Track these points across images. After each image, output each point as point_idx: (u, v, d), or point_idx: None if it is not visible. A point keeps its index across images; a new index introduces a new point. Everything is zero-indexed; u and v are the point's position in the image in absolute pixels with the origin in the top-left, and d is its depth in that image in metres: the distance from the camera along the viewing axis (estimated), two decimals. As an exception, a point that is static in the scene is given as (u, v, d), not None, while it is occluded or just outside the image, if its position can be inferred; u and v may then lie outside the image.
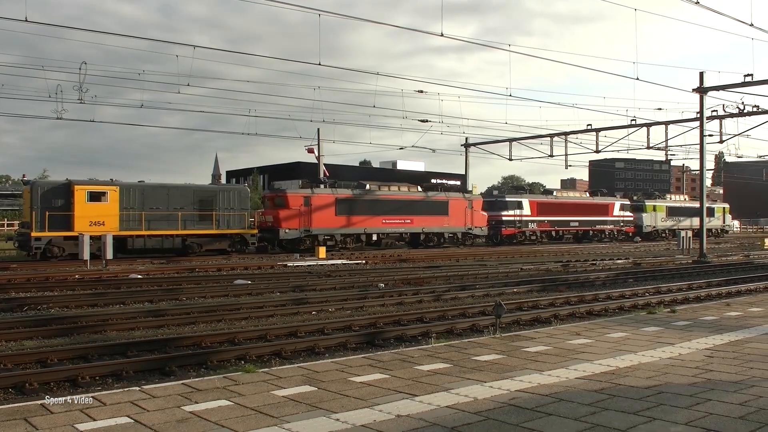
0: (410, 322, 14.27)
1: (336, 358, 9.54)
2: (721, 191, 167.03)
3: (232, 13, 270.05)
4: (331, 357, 10.23)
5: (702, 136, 34.48)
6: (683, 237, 41.17)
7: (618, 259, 35.85)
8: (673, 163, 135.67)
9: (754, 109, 36.62)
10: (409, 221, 44.28)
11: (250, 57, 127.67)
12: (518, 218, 52.26)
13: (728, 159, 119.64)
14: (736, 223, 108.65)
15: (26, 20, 19.88)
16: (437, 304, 17.43)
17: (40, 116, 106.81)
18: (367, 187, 43.59)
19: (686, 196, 72.83)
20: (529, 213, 52.99)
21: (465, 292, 19.35)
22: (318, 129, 49.26)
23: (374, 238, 43.03)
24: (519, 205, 52.48)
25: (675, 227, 65.88)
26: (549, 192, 59.03)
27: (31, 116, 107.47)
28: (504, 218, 51.47)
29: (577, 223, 57.23)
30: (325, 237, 40.35)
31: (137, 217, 34.09)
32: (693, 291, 19.69)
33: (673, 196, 70.62)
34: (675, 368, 7.96)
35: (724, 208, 74.11)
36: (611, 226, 60.25)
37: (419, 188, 46.66)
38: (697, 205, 70.05)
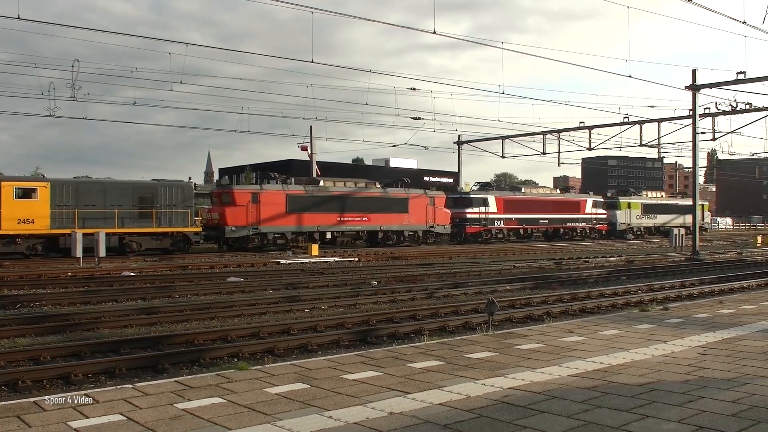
0: (403, 319, 14.28)
1: (329, 355, 9.54)
2: (714, 189, 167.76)
3: (224, 10, 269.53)
4: (324, 354, 10.23)
5: (695, 133, 34.56)
6: (675, 235, 41.23)
7: (611, 256, 35.93)
8: (666, 160, 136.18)
9: (747, 107, 36.68)
10: (366, 219, 43.13)
11: (243, 54, 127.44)
12: (483, 216, 51.17)
13: (721, 156, 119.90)
14: (729, 220, 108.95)
15: (19, 18, 19.81)
16: (430, 301, 17.44)
17: (33, 114, 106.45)
18: (321, 183, 42.56)
19: (663, 193, 72.26)
20: (495, 210, 51.96)
21: (458, 289, 19.37)
22: (311, 126, 49.35)
23: (328, 236, 41.77)
24: (484, 203, 51.38)
25: (651, 225, 65.40)
26: (517, 189, 57.86)
27: (23, 114, 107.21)
28: (468, 216, 50.45)
29: (546, 221, 56.23)
30: (275, 235, 39.42)
31: (71, 215, 32.61)
32: (686, 289, 19.74)
33: (649, 193, 69.67)
34: (668, 366, 7.97)
35: (702, 205, 71.17)
36: (583, 224, 59.25)
37: (377, 184, 45.73)
38: (674, 202, 69.32)
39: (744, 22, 24.90)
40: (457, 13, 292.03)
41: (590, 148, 48.28)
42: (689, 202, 69.88)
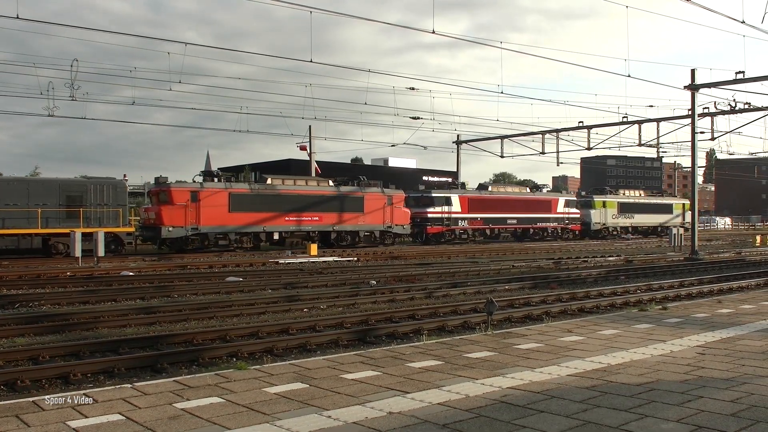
0: (402, 319, 14.29)
1: (328, 355, 9.53)
2: (713, 188, 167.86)
3: (221, 9, 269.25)
4: (323, 354, 10.23)
5: (693, 133, 34.56)
6: (675, 234, 41.25)
7: (609, 256, 35.95)
8: (664, 160, 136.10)
9: (746, 107, 36.69)
10: (317, 218, 41.08)
11: (242, 54, 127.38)
12: (446, 215, 48.91)
13: (720, 156, 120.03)
14: (728, 220, 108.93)
15: (18, 17, 19.80)
16: (429, 301, 17.45)
17: (31, 113, 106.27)
18: (269, 181, 40.52)
19: (642, 192, 69.30)
20: (459, 210, 49.75)
21: (456, 289, 19.37)
22: (309, 126, 49.31)
23: (276, 237, 39.84)
24: (447, 202, 49.12)
25: (628, 225, 63.38)
26: (484, 187, 55.00)
27: (22, 113, 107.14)
28: (429, 215, 48.29)
29: (515, 221, 53.89)
30: (217, 236, 37.44)
31: None
32: (685, 288, 19.74)
33: (627, 192, 67.02)
34: (666, 365, 7.98)
35: (683, 204, 69.45)
36: (554, 224, 56.94)
37: (330, 182, 43.57)
38: (653, 200, 67.05)
39: (743, 22, 24.92)
40: (456, 11, 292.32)
41: (589, 148, 48.28)
42: (670, 200, 68.39)
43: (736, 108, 36.59)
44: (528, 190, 58.09)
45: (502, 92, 36.54)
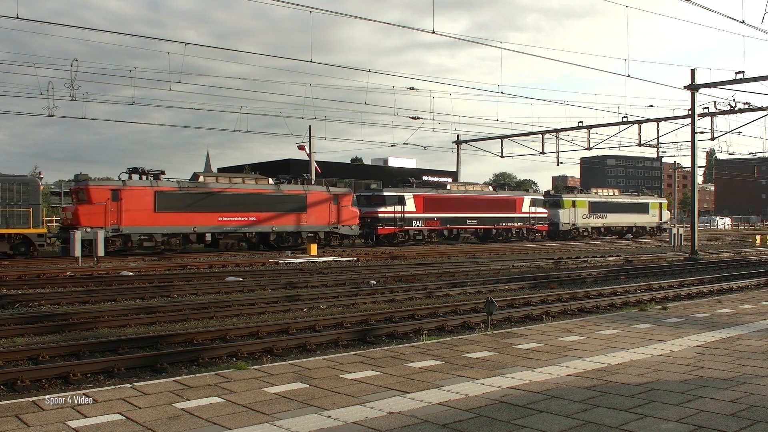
0: (402, 319, 14.29)
1: (328, 355, 9.53)
2: (713, 188, 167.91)
3: (219, 8, 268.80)
4: (323, 354, 10.24)
5: (693, 133, 34.57)
6: (674, 234, 41.27)
7: (609, 256, 35.95)
8: (664, 160, 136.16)
9: (746, 106, 36.71)
10: (254, 218, 38.56)
11: (241, 53, 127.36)
12: (399, 215, 46.05)
13: (719, 156, 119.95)
14: (728, 220, 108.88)
15: (17, 17, 19.80)
16: (428, 301, 17.44)
17: (31, 113, 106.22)
18: (201, 179, 37.82)
19: (616, 191, 66.77)
20: (414, 210, 46.92)
21: (456, 289, 19.37)
22: (309, 126, 49.25)
23: (208, 238, 37.16)
24: (400, 201, 46.26)
25: (601, 225, 61.01)
26: (441, 185, 52.37)
27: (20, 113, 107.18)
28: (381, 215, 45.39)
29: (476, 221, 50.93)
30: (142, 237, 34.92)
31: None
32: (684, 288, 19.74)
33: (599, 191, 64.62)
34: (666, 365, 7.98)
35: (661, 203, 67.49)
36: (519, 224, 53.94)
37: (271, 180, 41.05)
38: (628, 200, 64.40)
39: (743, 22, 24.94)
40: (455, 10, 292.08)
41: (589, 148, 48.29)
42: (646, 200, 66.06)
43: (736, 108, 36.60)
44: (491, 188, 55.16)
45: (501, 92, 36.45)
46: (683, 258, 33.82)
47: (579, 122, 47.16)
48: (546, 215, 56.38)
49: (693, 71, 33.54)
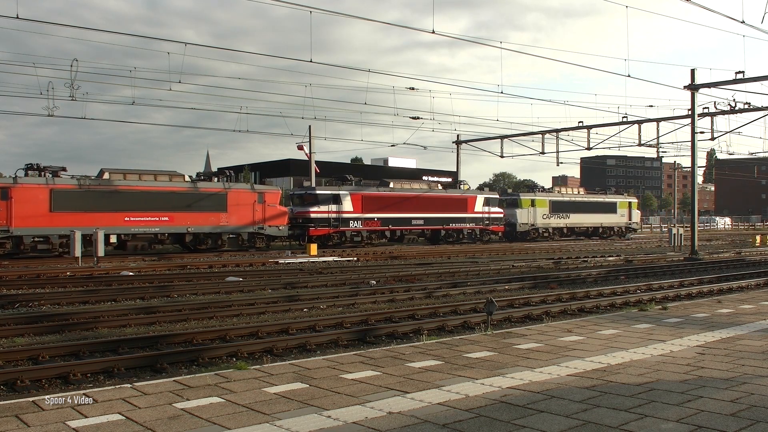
0: (402, 319, 14.29)
1: (328, 355, 9.54)
2: (713, 188, 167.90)
3: (218, 7, 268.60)
4: (323, 354, 10.25)
5: (693, 133, 34.56)
6: (674, 234, 41.26)
7: (609, 256, 35.96)
8: (664, 160, 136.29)
9: (746, 106, 36.69)
10: (166, 219, 35.68)
11: (240, 53, 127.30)
12: (334, 215, 42.86)
13: (719, 156, 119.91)
14: (728, 220, 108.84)
15: (17, 17, 19.80)
16: (428, 301, 17.44)
17: (31, 113, 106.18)
18: (105, 175, 34.91)
19: (581, 190, 64.30)
20: (351, 209, 43.78)
21: (456, 289, 19.37)
22: (309, 126, 49.22)
23: (113, 240, 34.14)
24: (335, 200, 43.01)
25: (563, 226, 58.01)
26: (384, 184, 48.52)
27: (20, 113, 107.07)
28: (313, 215, 42.17)
29: (422, 221, 47.65)
30: (36, 239, 32.10)
31: None
32: (684, 288, 19.74)
33: (562, 189, 62.13)
34: (666, 365, 7.98)
35: (630, 202, 64.34)
36: (471, 225, 50.55)
37: (187, 177, 38.19)
38: (593, 198, 61.47)
39: (743, 22, 24.92)
40: (455, 9, 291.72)
41: (589, 148, 48.25)
42: (613, 199, 62.91)
43: (736, 108, 36.58)
44: (440, 186, 52.16)
45: (501, 92, 36.36)
46: (683, 258, 33.81)
47: (579, 122, 47.13)
48: (502, 215, 52.99)
49: (693, 71, 33.54)
